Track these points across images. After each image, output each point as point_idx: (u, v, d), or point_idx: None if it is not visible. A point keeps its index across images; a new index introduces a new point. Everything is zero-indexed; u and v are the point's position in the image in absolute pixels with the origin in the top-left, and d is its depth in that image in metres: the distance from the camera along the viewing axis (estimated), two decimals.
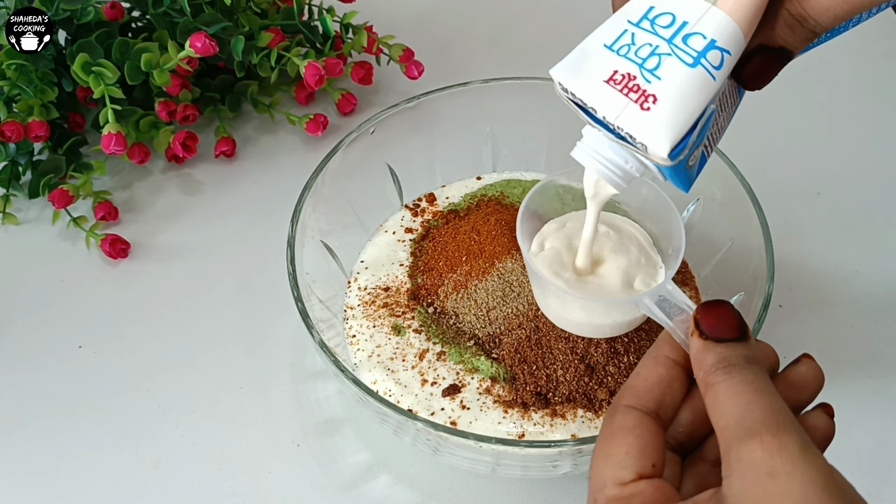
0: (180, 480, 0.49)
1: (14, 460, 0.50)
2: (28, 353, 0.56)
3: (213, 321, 0.57)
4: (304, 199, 0.50)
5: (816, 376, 0.34)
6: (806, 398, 0.34)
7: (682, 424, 0.33)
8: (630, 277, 0.43)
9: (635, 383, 0.33)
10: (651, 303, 0.37)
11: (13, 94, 0.60)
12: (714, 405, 0.30)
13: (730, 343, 0.31)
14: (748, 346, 0.31)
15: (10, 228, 0.63)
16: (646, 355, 0.34)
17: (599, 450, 0.32)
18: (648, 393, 0.32)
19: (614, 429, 0.32)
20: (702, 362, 0.31)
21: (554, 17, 0.82)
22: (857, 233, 0.62)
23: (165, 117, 0.65)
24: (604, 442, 0.32)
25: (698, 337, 0.31)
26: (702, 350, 0.31)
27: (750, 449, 0.27)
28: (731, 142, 0.70)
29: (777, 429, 0.28)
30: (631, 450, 0.30)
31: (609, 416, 0.32)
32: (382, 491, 0.49)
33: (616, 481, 0.30)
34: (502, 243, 0.52)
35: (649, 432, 0.31)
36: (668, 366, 0.33)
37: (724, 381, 0.30)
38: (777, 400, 0.29)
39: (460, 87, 0.57)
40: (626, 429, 0.31)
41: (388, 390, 0.48)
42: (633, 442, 0.31)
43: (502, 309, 0.49)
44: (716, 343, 0.31)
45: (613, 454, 0.31)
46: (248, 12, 0.68)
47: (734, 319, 0.32)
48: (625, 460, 0.30)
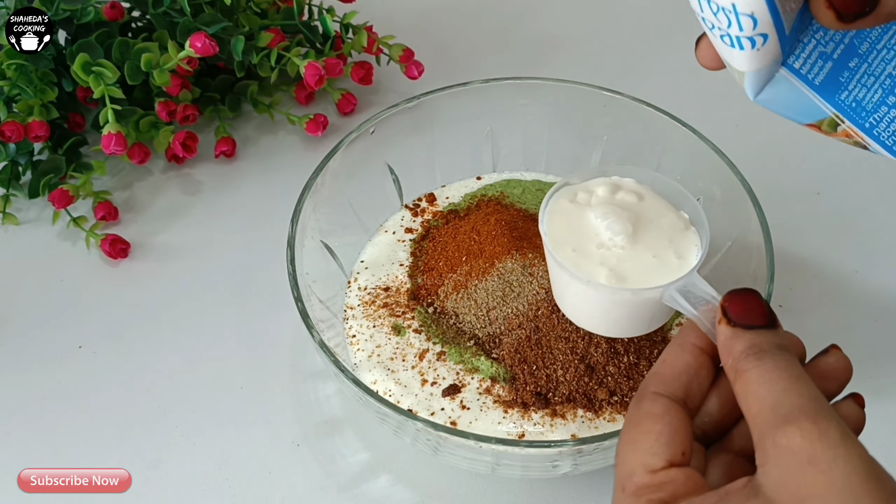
0: (180, 480, 0.49)
1: (14, 460, 0.50)
2: (28, 353, 0.56)
3: (213, 321, 0.57)
4: (304, 199, 0.50)
5: (846, 366, 0.33)
6: (835, 388, 0.33)
7: (709, 413, 0.33)
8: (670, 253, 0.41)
9: (662, 370, 0.32)
10: (677, 293, 0.37)
11: (13, 94, 0.60)
12: (746, 392, 0.29)
13: (759, 330, 0.30)
14: (778, 333, 0.31)
15: (10, 228, 0.63)
16: (671, 343, 0.34)
17: (626, 436, 0.31)
18: (676, 380, 0.32)
19: (642, 415, 0.31)
20: (731, 349, 0.30)
21: (554, 17, 0.82)
22: (857, 233, 0.62)
23: (165, 117, 0.65)
24: (631, 428, 0.31)
25: (726, 324, 0.31)
26: (731, 337, 0.30)
27: (788, 435, 0.27)
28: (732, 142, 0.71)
29: (816, 415, 0.27)
30: (661, 437, 0.30)
31: (636, 403, 0.32)
32: (382, 491, 0.49)
33: (646, 468, 0.29)
34: (502, 243, 0.52)
35: (678, 420, 0.31)
36: (694, 353, 0.33)
37: (756, 368, 0.29)
38: (812, 387, 0.28)
39: (460, 87, 0.57)
40: (654, 415, 0.31)
41: (388, 390, 0.48)
42: (662, 429, 0.30)
43: (502, 309, 0.49)
44: (745, 330, 0.30)
45: (642, 441, 0.30)
46: (248, 12, 0.68)
47: (762, 307, 0.31)
48: (654, 447, 0.30)
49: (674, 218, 0.42)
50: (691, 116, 0.55)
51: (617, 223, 0.41)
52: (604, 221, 0.41)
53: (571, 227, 0.42)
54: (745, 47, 0.32)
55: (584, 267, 0.40)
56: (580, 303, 0.42)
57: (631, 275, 0.40)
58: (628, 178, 0.44)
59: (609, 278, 0.39)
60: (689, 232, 0.42)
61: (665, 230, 0.42)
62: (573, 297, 0.42)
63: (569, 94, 0.57)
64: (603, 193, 0.43)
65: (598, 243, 0.41)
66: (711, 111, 0.70)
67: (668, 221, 0.42)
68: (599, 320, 0.42)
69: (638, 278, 0.40)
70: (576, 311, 0.44)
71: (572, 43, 0.79)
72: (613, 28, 0.81)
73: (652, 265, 0.40)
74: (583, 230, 0.42)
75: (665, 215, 0.43)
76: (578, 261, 0.40)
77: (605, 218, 0.41)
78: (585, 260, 0.40)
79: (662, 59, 0.77)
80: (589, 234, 0.42)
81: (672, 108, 0.55)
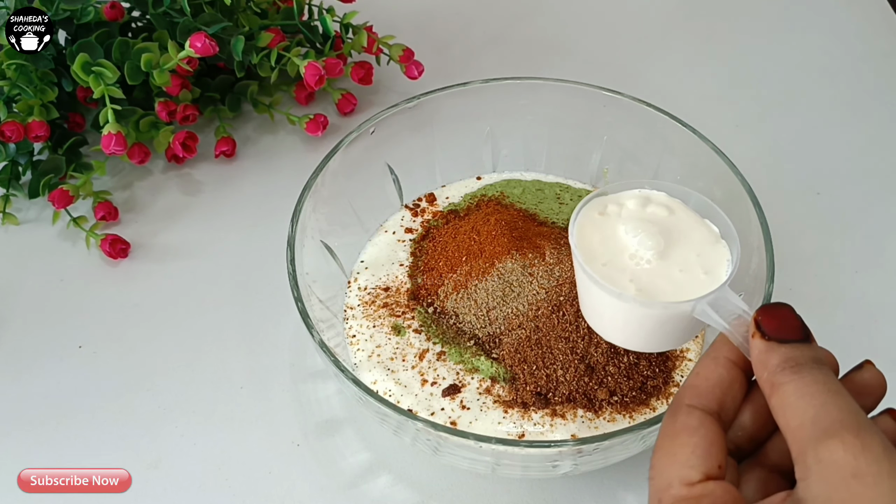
0: (180, 480, 0.49)
1: (14, 460, 0.50)
2: (28, 353, 0.56)
3: (213, 321, 0.57)
4: (304, 199, 0.50)
5: (881, 382, 0.33)
6: (871, 404, 0.33)
7: (742, 428, 0.33)
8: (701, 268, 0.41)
9: (696, 383, 0.32)
10: (708, 307, 0.36)
11: (13, 94, 0.60)
12: (783, 406, 0.29)
13: (795, 344, 0.30)
14: (813, 347, 0.30)
15: (10, 228, 0.63)
16: (704, 356, 0.34)
17: (662, 449, 0.31)
18: (710, 393, 0.32)
19: (678, 428, 0.31)
20: (766, 363, 0.30)
21: (554, 17, 0.82)
22: (857, 233, 0.62)
23: (165, 117, 0.65)
24: (667, 441, 0.31)
25: (760, 338, 0.31)
26: (765, 351, 0.30)
27: (830, 450, 0.26)
28: (732, 142, 0.71)
29: (858, 429, 0.27)
30: (697, 450, 0.30)
31: (671, 416, 0.32)
32: (382, 491, 0.49)
33: (683, 481, 0.29)
34: (502, 243, 0.52)
35: (713, 433, 0.30)
36: (727, 367, 0.33)
37: (794, 382, 0.29)
38: (852, 401, 0.28)
39: (460, 87, 0.57)
40: (690, 428, 0.30)
41: (388, 390, 0.48)
42: (698, 442, 0.30)
43: (502, 309, 0.49)
44: (780, 343, 0.30)
45: (679, 453, 0.30)
46: (248, 12, 0.68)
47: (797, 321, 0.31)
48: (691, 460, 0.30)
49: (704, 232, 0.42)
50: (691, 116, 0.55)
51: (648, 238, 0.41)
52: (635, 237, 0.41)
53: (602, 241, 0.41)
54: None
55: (615, 281, 0.39)
56: (611, 317, 0.41)
57: (661, 289, 0.39)
58: (660, 192, 0.43)
59: (640, 293, 0.39)
60: (720, 246, 0.41)
61: (695, 245, 0.41)
62: (604, 310, 0.42)
63: (569, 94, 0.57)
64: (633, 206, 0.43)
65: (628, 257, 0.41)
66: (711, 111, 0.70)
67: (699, 236, 0.42)
68: (630, 335, 0.42)
69: (668, 293, 0.39)
70: (606, 325, 0.43)
71: (572, 42, 0.79)
72: (613, 28, 0.81)
73: (681, 280, 0.40)
74: (613, 244, 0.41)
75: (695, 229, 0.42)
76: (609, 274, 0.40)
77: (635, 234, 0.41)
78: (617, 273, 0.40)
79: (662, 59, 0.77)
80: (619, 247, 0.41)
81: (672, 108, 0.55)
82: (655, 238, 0.41)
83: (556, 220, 0.56)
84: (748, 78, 0.69)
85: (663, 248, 0.41)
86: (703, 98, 0.72)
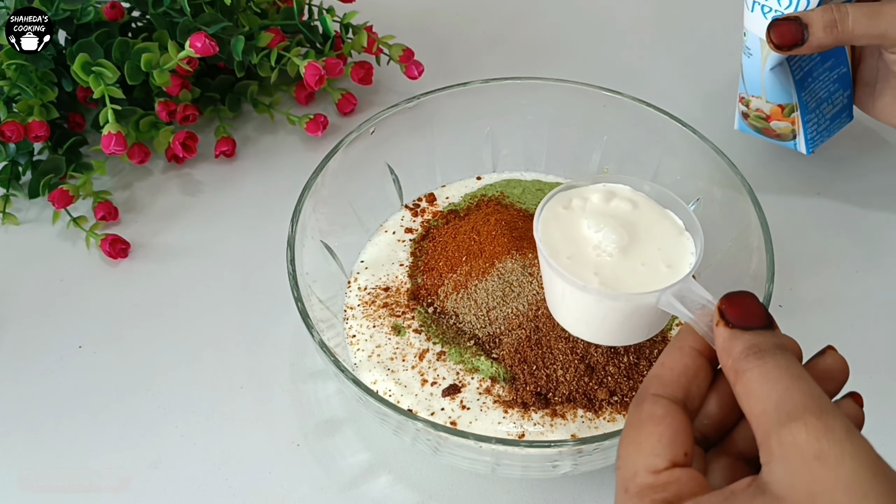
0: (180, 480, 0.49)
1: (14, 460, 0.50)
2: (28, 353, 0.56)
3: (214, 321, 0.57)
4: (304, 199, 0.50)
5: (843, 367, 0.34)
6: (833, 389, 0.33)
7: (708, 416, 0.33)
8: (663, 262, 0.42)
9: (661, 373, 0.33)
10: (673, 298, 0.37)
11: (13, 94, 0.60)
12: (747, 392, 0.29)
13: (758, 331, 0.31)
14: (776, 334, 0.31)
15: (10, 228, 0.63)
16: (669, 346, 0.34)
17: (627, 438, 0.31)
18: (675, 382, 0.32)
19: (643, 417, 0.31)
20: (730, 350, 0.30)
21: (554, 17, 0.82)
22: (857, 233, 0.62)
23: (165, 117, 0.65)
24: (633, 430, 0.31)
25: (724, 326, 0.31)
26: (729, 339, 0.31)
27: (793, 432, 0.27)
28: (731, 142, 0.71)
29: (820, 412, 0.27)
30: (662, 438, 0.30)
31: (636, 405, 0.32)
32: (382, 491, 0.49)
33: (649, 469, 0.30)
34: (502, 243, 0.52)
35: (679, 421, 0.31)
36: (692, 356, 0.33)
37: (757, 368, 0.29)
38: (814, 385, 0.29)
39: (460, 87, 0.57)
40: (656, 417, 0.31)
41: (388, 390, 0.48)
42: (664, 430, 0.30)
43: (502, 309, 0.49)
44: (743, 331, 0.31)
45: (644, 442, 0.30)
46: (248, 12, 0.68)
47: (759, 308, 0.31)
48: (657, 448, 0.30)
49: (667, 225, 0.43)
50: (691, 116, 0.55)
51: (612, 233, 0.41)
52: (598, 232, 0.42)
53: (565, 235, 0.42)
54: None
55: (579, 273, 0.40)
56: (576, 310, 0.42)
57: (624, 282, 0.40)
58: (623, 185, 0.44)
59: (603, 285, 0.40)
60: (683, 238, 0.42)
61: (657, 238, 0.42)
62: (569, 304, 0.42)
63: (569, 94, 0.57)
64: (597, 201, 0.43)
65: (591, 251, 0.41)
66: (711, 111, 0.70)
67: (662, 229, 0.43)
68: (596, 329, 0.42)
69: (631, 286, 0.40)
70: (571, 320, 0.44)
71: (572, 43, 0.79)
72: (613, 28, 0.81)
73: (643, 273, 0.41)
74: (577, 238, 0.42)
75: (658, 223, 0.43)
76: (573, 267, 0.40)
77: (598, 228, 0.42)
78: (581, 267, 0.40)
79: (662, 59, 0.77)
80: (583, 242, 0.42)
81: (672, 108, 0.55)
82: (619, 232, 0.41)
83: None
84: None
85: (627, 242, 0.41)
86: (703, 98, 0.72)
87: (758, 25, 0.52)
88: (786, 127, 0.58)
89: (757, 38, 0.53)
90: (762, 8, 0.51)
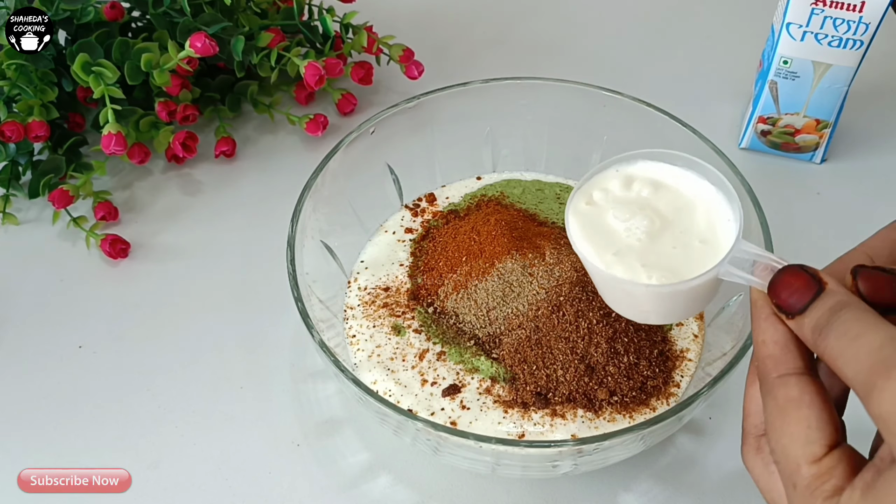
0: (180, 480, 0.49)
1: (14, 460, 0.50)
2: (28, 353, 0.56)
3: (214, 321, 0.57)
4: (304, 199, 0.50)
5: None
6: None
7: None
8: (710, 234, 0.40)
9: (769, 352, 0.31)
10: (731, 267, 0.36)
11: (13, 94, 0.60)
12: (835, 367, 0.28)
13: (812, 305, 0.30)
14: (828, 295, 0.30)
15: (10, 228, 0.63)
16: (754, 322, 0.33)
17: (776, 431, 0.30)
18: (790, 353, 0.31)
19: (782, 404, 0.30)
20: (804, 338, 0.30)
21: (554, 17, 0.82)
22: (858, 233, 0.62)
23: (165, 117, 0.65)
24: (778, 421, 0.30)
25: (785, 320, 0.31)
26: (796, 328, 0.30)
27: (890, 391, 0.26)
28: (732, 142, 0.71)
29: None
30: (811, 422, 0.29)
31: (768, 395, 0.31)
32: (382, 491, 0.49)
33: (809, 459, 0.29)
34: (502, 243, 0.52)
35: (818, 396, 0.30)
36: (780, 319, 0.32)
37: (828, 345, 0.29)
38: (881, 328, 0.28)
39: (460, 87, 0.57)
40: (794, 400, 0.30)
41: (388, 390, 0.48)
42: (809, 414, 0.29)
43: (502, 309, 0.49)
44: (801, 315, 0.30)
45: (795, 432, 0.30)
46: (248, 12, 0.68)
47: (801, 279, 0.31)
48: (810, 435, 0.29)
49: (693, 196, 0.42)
50: (691, 116, 0.55)
51: (643, 220, 0.41)
52: (623, 224, 0.41)
53: (600, 232, 0.41)
54: None
55: (631, 269, 0.39)
56: (638, 304, 0.42)
57: (670, 266, 0.39)
58: (638, 164, 0.43)
59: (659, 277, 0.39)
60: (714, 205, 0.41)
61: (688, 215, 0.41)
62: (629, 299, 0.42)
63: (569, 94, 0.57)
64: (618, 189, 0.42)
65: (630, 243, 0.40)
66: (711, 111, 0.70)
67: (689, 204, 0.41)
68: (658, 314, 0.42)
69: (681, 268, 0.39)
70: (634, 311, 0.43)
71: (572, 43, 0.79)
72: (613, 28, 0.81)
73: (691, 252, 0.40)
74: (612, 232, 0.41)
75: (683, 197, 0.42)
76: (622, 264, 0.40)
77: (625, 220, 0.41)
78: (630, 262, 0.40)
79: (662, 59, 0.77)
80: (619, 235, 0.41)
81: (672, 108, 0.55)
82: (650, 218, 0.41)
83: (557, 220, 0.56)
84: (748, 77, 0.69)
85: (659, 227, 0.41)
86: (703, 98, 0.72)
87: (808, 51, 0.59)
88: (812, 140, 0.64)
89: (809, 63, 0.60)
90: (815, 36, 0.58)
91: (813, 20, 0.57)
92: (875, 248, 0.34)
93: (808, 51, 0.59)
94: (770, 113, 0.64)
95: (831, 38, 0.58)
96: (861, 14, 0.56)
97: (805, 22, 0.58)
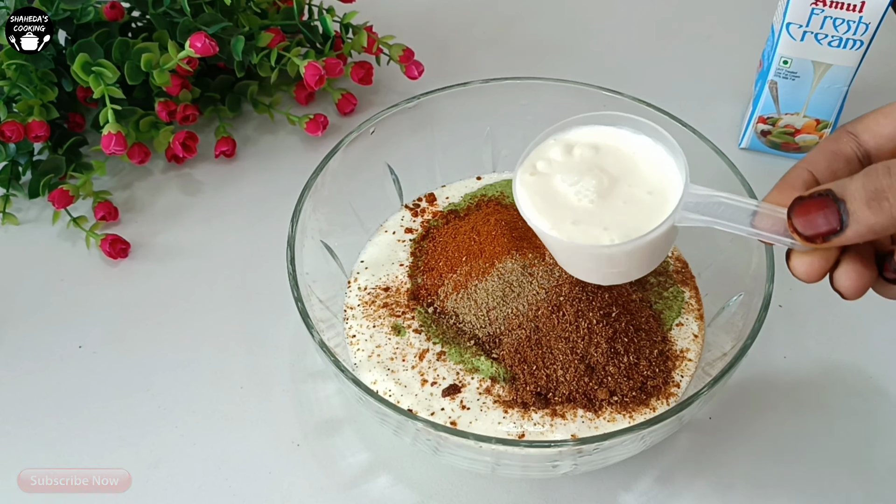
0: (180, 480, 0.49)
1: (14, 460, 0.50)
2: (28, 353, 0.56)
3: (213, 321, 0.57)
4: (304, 199, 0.50)
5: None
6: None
7: None
8: None
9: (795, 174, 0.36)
10: (685, 211, 0.37)
11: (13, 94, 0.60)
12: None
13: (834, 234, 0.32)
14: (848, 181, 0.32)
15: (10, 228, 0.63)
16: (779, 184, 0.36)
17: None
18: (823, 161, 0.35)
19: None
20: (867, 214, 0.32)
21: (554, 17, 0.82)
22: None
23: (165, 117, 0.65)
24: None
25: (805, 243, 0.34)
26: None
27: None
28: (731, 141, 0.70)
29: None
30: None
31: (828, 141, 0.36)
32: (382, 491, 0.49)
33: None
34: (502, 243, 0.52)
35: None
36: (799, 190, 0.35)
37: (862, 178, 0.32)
38: None
39: (460, 87, 0.57)
40: None
41: (388, 390, 0.48)
42: None
43: (502, 309, 0.49)
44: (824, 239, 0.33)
45: None
46: (248, 12, 0.68)
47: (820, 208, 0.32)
48: None
49: (634, 152, 0.43)
50: (691, 116, 0.55)
51: (590, 180, 0.41)
52: (573, 188, 0.41)
53: (551, 200, 0.42)
54: None
55: (589, 234, 0.40)
56: (600, 266, 0.42)
57: (626, 222, 0.40)
58: (573, 130, 0.44)
59: (619, 236, 0.39)
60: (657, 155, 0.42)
61: (634, 168, 0.42)
62: (591, 263, 0.42)
63: (569, 94, 0.57)
64: (560, 157, 0.43)
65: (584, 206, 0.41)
66: (711, 111, 0.70)
67: (631, 159, 0.42)
68: (621, 273, 0.43)
69: (637, 223, 0.39)
70: (597, 275, 0.44)
71: (572, 43, 0.79)
72: (613, 28, 0.81)
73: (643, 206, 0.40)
74: (563, 198, 0.42)
75: (624, 154, 0.43)
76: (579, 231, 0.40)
77: (573, 184, 0.41)
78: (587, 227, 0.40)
79: (662, 59, 0.77)
80: (570, 199, 0.41)
81: (672, 108, 0.55)
82: (598, 177, 0.42)
83: None
84: (748, 77, 0.69)
85: (607, 185, 0.41)
86: (703, 98, 0.72)
87: (808, 51, 0.59)
88: (812, 140, 0.65)
89: (809, 62, 0.60)
90: (815, 36, 0.58)
91: (813, 20, 0.58)
92: (814, 163, 0.36)
93: (808, 51, 0.59)
94: (770, 113, 0.64)
95: (831, 38, 0.58)
96: (861, 14, 0.56)
97: (805, 22, 0.58)
